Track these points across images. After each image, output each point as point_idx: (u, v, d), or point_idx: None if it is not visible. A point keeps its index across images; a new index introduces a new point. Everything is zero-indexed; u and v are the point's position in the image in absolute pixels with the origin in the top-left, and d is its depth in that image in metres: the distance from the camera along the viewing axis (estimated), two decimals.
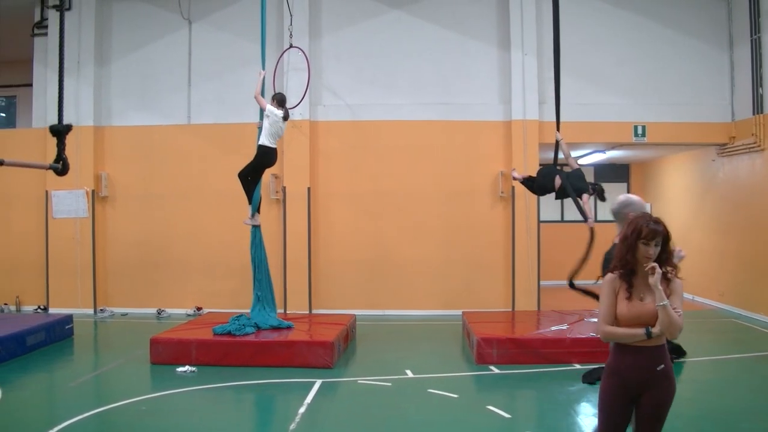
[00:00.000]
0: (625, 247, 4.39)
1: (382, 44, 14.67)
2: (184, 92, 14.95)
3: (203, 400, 8.38)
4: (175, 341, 9.98)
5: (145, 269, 14.90)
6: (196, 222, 14.76)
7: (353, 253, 14.48)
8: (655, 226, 4.32)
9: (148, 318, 14.26)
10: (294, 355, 9.65)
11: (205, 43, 14.93)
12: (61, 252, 14.86)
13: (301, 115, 14.19)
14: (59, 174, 10.17)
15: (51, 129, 10.08)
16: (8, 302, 15.08)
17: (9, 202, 15.26)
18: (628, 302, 4.39)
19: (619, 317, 4.41)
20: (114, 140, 15.09)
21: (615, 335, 4.43)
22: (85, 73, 14.81)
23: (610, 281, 4.47)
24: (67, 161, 9.97)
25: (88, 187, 14.79)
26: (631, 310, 4.37)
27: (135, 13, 15.19)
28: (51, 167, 10.03)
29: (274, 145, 10.82)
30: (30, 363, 10.21)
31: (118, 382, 9.47)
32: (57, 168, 10.07)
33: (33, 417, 7.75)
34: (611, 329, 4.42)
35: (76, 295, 14.73)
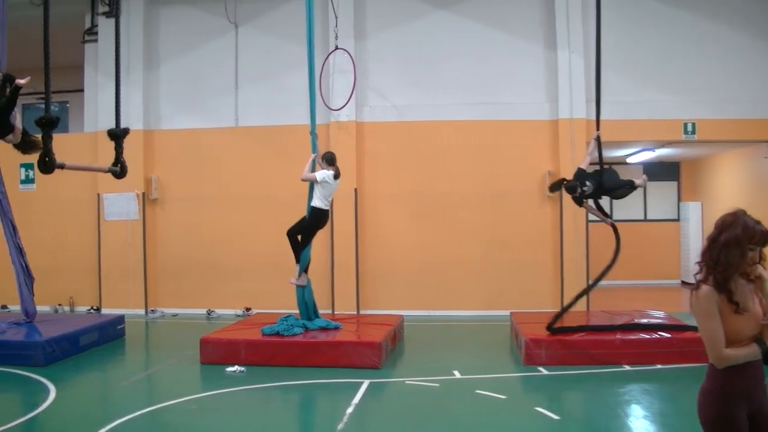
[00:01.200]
0: (733, 252, 3.76)
1: (427, 44, 14.65)
2: (231, 95, 15.11)
3: (252, 399, 8.45)
4: (224, 341, 10.08)
5: (194, 270, 15.08)
6: (245, 223, 14.90)
7: (400, 253, 14.49)
8: (763, 228, 3.84)
9: (197, 318, 14.43)
10: (342, 355, 9.67)
11: (252, 47, 15.07)
12: (113, 254, 15.13)
13: (348, 117, 14.26)
14: (118, 177, 10.36)
15: (109, 133, 10.28)
16: (62, 303, 15.39)
17: (63, 206, 15.58)
18: (739, 316, 3.76)
19: (732, 334, 3.77)
20: (163, 143, 15.31)
21: (738, 357, 3.76)
22: (135, 78, 15.05)
23: (708, 297, 3.78)
24: (125, 164, 10.15)
25: (138, 190, 15.02)
26: (749, 324, 3.79)
27: (182, 18, 15.40)
28: (110, 170, 10.23)
29: (327, 207, 10.81)
30: (83, 362, 10.41)
31: (168, 381, 9.61)
32: (116, 171, 10.26)
33: (86, 415, 7.91)
34: (733, 353, 3.75)
35: (128, 296, 14.97)
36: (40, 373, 9.50)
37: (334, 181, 10.76)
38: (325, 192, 10.70)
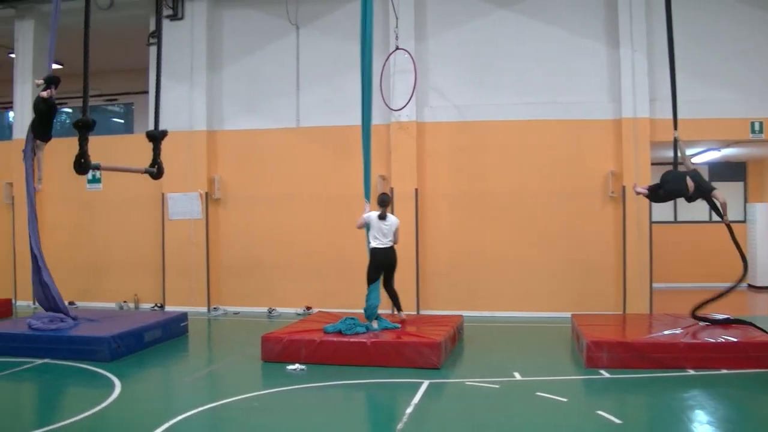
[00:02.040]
0: None
1: (487, 44, 14.57)
2: (292, 96, 15.26)
3: (312, 398, 8.51)
4: (285, 340, 10.15)
5: (256, 269, 15.27)
6: (307, 223, 15.03)
7: (461, 253, 14.44)
8: None
9: (259, 317, 14.60)
10: (402, 355, 9.68)
11: (313, 48, 15.20)
12: (176, 252, 15.42)
13: (408, 117, 14.27)
14: (154, 177, 10.58)
15: (147, 134, 10.51)
16: (127, 300, 15.74)
17: (129, 205, 15.93)
18: None
19: None
20: (226, 144, 15.54)
21: None
22: (198, 80, 15.31)
23: None
24: (162, 165, 10.32)
25: (201, 190, 15.27)
26: None
27: (244, 20, 15.61)
28: (146, 171, 10.42)
29: (382, 245, 10.96)
30: (147, 358, 10.63)
31: (230, 378, 9.74)
32: (152, 172, 10.46)
33: (150, 410, 8.06)
34: None
35: (191, 294, 15.24)
36: (106, 368, 9.73)
37: (377, 222, 10.98)
38: (374, 232, 10.98)
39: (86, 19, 8.97)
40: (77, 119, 8.89)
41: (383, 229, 10.97)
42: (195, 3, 15.44)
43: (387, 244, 10.98)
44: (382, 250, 10.95)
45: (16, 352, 10.61)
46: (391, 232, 11.04)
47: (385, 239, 10.95)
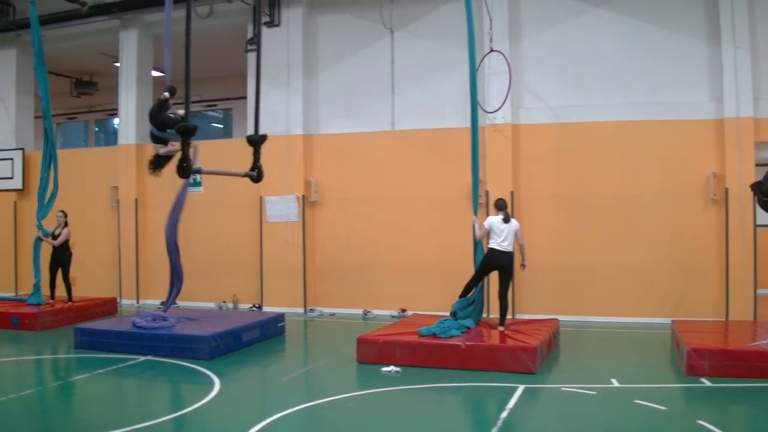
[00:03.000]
0: None
1: (583, 44, 14.29)
2: (387, 99, 15.35)
3: (406, 400, 8.54)
4: (380, 341, 10.22)
5: (352, 271, 15.42)
6: (402, 225, 15.08)
7: (557, 257, 14.21)
8: None
9: (354, 318, 14.74)
10: (497, 359, 9.60)
11: (407, 51, 15.25)
12: (274, 254, 15.72)
13: (503, 119, 14.16)
14: (255, 181, 10.77)
15: (248, 139, 10.72)
16: (226, 300, 16.13)
17: (229, 208, 16.34)
18: None
19: None
20: (322, 147, 15.75)
21: None
22: (295, 85, 15.57)
23: None
24: (262, 169, 10.51)
25: (298, 193, 15.51)
26: None
27: (339, 25, 15.80)
28: (247, 174, 10.62)
29: (502, 247, 10.93)
30: (245, 357, 10.87)
31: (325, 378, 9.86)
32: (253, 175, 10.66)
33: (248, 407, 8.25)
34: None
35: (288, 295, 15.50)
36: (206, 366, 10.02)
37: (500, 224, 10.96)
38: (494, 234, 10.98)
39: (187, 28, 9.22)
40: (180, 125, 9.16)
41: (504, 232, 10.94)
42: (291, 10, 15.71)
43: (505, 248, 10.93)
44: (500, 252, 10.92)
45: (121, 348, 11.05)
46: (512, 235, 11.00)
47: (504, 242, 10.92)
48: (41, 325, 13.46)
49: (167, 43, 11.54)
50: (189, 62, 9.12)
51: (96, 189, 17.86)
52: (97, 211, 17.94)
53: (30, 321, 13.47)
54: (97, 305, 15.13)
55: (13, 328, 13.46)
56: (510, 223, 10.99)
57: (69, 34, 18.55)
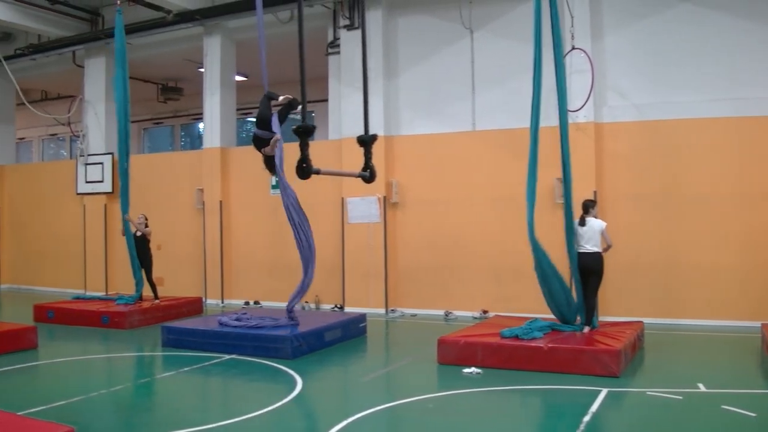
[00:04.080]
0: None
1: (667, 39, 13.89)
2: (468, 100, 15.26)
3: (487, 402, 8.46)
4: (461, 343, 10.16)
5: (433, 272, 15.38)
6: (483, 226, 14.95)
7: (642, 257, 13.85)
8: None
9: (435, 319, 14.70)
10: (580, 362, 9.42)
11: (487, 51, 15.13)
12: (355, 255, 15.81)
13: (586, 118, 13.91)
14: (367, 181, 10.83)
15: (358, 139, 10.77)
16: (308, 300, 16.30)
17: (310, 209, 16.36)
18: None
19: None
20: (403, 149, 15.77)
21: None
22: (375, 87, 15.59)
23: None
24: (374, 168, 10.55)
25: (379, 194, 15.56)
26: None
27: (419, 27, 15.79)
28: (360, 175, 10.71)
29: (584, 249, 10.90)
30: (327, 357, 10.95)
31: (406, 379, 9.87)
32: (365, 175, 10.73)
33: (329, 406, 8.33)
34: None
35: (369, 296, 15.57)
36: (289, 365, 10.14)
37: (577, 227, 10.92)
38: (576, 237, 10.94)
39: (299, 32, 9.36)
40: (298, 125, 9.24)
41: (586, 234, 10.82)
42: (370, 12, 15.78)
43: (588, 249, 10.80)
44: (581, 255, 10.82)
45: (206, 347, 11.30)
46: (597, 235, 10.87)
47: (587, 244, 10.79)
48: (130, 324, 13.88)
49: (262, 44, 11.77)
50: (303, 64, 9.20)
51: (182, 191, 18.30)
52: (183, 213, 18.39)
53: (119, 319, 13.90)
54: (183, 305, 15.50)
55: (103, 326, 13.91)
56: (587, 225, 10.81)
57: (155, 41, 19.12)
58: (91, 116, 20.18)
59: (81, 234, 20.28)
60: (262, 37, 11.85)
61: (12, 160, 23.77)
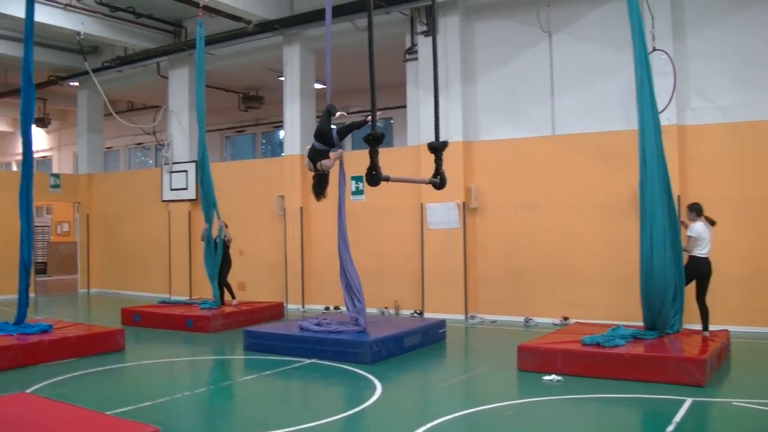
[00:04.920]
0: None
1: (753, 39, 13.38)
2: (547, 103, 15.09)
3: (567, 410, 8.34)
4: (541, 350, 10.05)
5: (513, 278, 15.24)
6: (564, 231, 14.72)
7: (730, 263, 13.37)
8: None
9: (515, 326, 14.56)
10: (663, 370, 9.20)
11: (566, 54, 14.94)
12: (435, 260, 15.79)
13: (668, 120, 13.57)
14: (437, 188, 10.82)
15: (429, 146, 10.77)
16: (388, 306, 16.35)
17: (389, 215, 16.57)
18: None
19: None
20: (482, 154, 15.69)
21: None
22: (453, 93, 15.60)
23: None
24: (445, 175, 10.54)
25: (459, 200, 15.51)
26: None
27: (496, 31, 15.70)
28: (430, 182, 10.71)
29: (706, 255, 10.78)
30: (406, 362, 10.96)
31: (486, 385, 9.80)
32: (436, 182, 10.72)
33: (408, 412, 8.33)
34: None
35: (449, 302, 15.52)
36: (368, 370, 10.20)
37: (707, 230, 10.82)
38: (702, 241, 10.77)
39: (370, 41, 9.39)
40: (368, 133, 9.35)
41: (706, 237, 10.71)
42: (448, 17, 15.78)
43: (708, 254, 10.66)
44: (706, 260, 10.67)
45: (287, 351, 11.46)
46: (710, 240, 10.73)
47: (705, 249, 10.63)
48: (213, 328, 14.17)
49: (328, 53, 11.92)
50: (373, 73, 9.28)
51: (263, 198, 18.60)
52: (264, 219, 18.70)
53: (203, 323, 14.21)
54: (265, 309, 15.74)
55: (187, 330, 14.25)
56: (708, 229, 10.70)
57: (236, 51, 19.52)
58: (175, 125, 20.71)
59: (166, 240, 20.83)
60: (328, 52, 12.00)
61: (100, 169, 24.59)
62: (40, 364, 10.79)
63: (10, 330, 11.80)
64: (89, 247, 23.65)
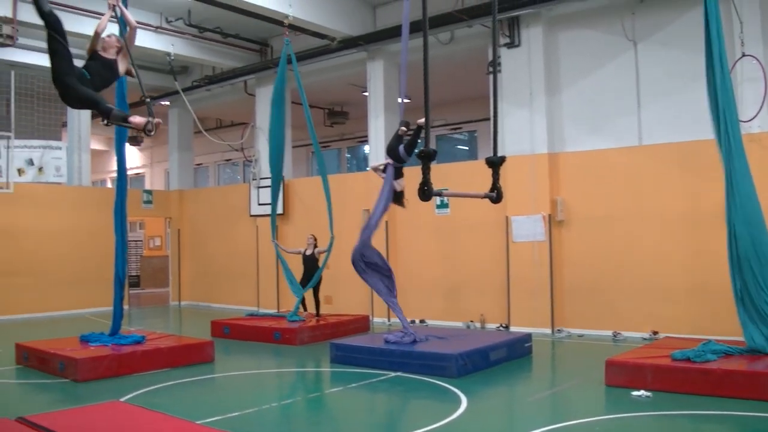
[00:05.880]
0: None
1: None
2: (633, 114, 14.79)
3: (657, 426, 8.16)
4: (630, 364, 9.85)
5: (600, 291, 14.96)
6: (653, 244, 14.36)
7: None
8: None
9: (603, 340, 14.30)
10: (758, 386, 8.85)
11: (652, 63, 14.62)
12: (520, 274, 15.65)
13: (760, 128, 13.17)
14: (494, 202, 10.86)
15: (486, 161, 10.84)
16: (473, 320, 16.28)
17: (474, 228, 16.52)
18: None
19: None
20: (567, 165, 15.50)
21: None
22: (538, 104, 15.48)
23: None
24: (501, 190, 10.58)
25: (544, 212, 15.37)
26: None
27: (580, 41, 15.51)
28: (486, 196, 10.72)
29: None
30: (492, 377, 10.90)
31: (573, 400, 9.68)
32: (492, 196, 10.73)
33: (494, 426, 8.30)
34: None
35: (535, 315, 15.35)
36: (453, 383, 10.17)
37: None
38: None
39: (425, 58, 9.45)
40: (420, 150, 9.50)
41: None
42: (531, 29, 15.69)
43: None
44: None
45: (373, 364, 11.52)
46: None
47: None
48: (300, 340, 14.36)
49: (403, 70, 12.07)
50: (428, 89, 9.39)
51: (349, 212, 18.77)
52: (350, 233, 18.78)
53: (290, 336, 14.43)
54: (351, 322, 15.89)
55: (275, 342, 14.49)
56: None
57: (320, 68, 19.84)
58: (262, 142, 21.12)
59: (254, 254, 21.24)
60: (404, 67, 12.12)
61: (191, 185, 25.28)
62: (134, 374, 11.14)
63: (106, 341, 12.22)
64: (180, 260, 24.31)
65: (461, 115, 23.40)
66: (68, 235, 21.13)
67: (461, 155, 24.86)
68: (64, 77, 7.58)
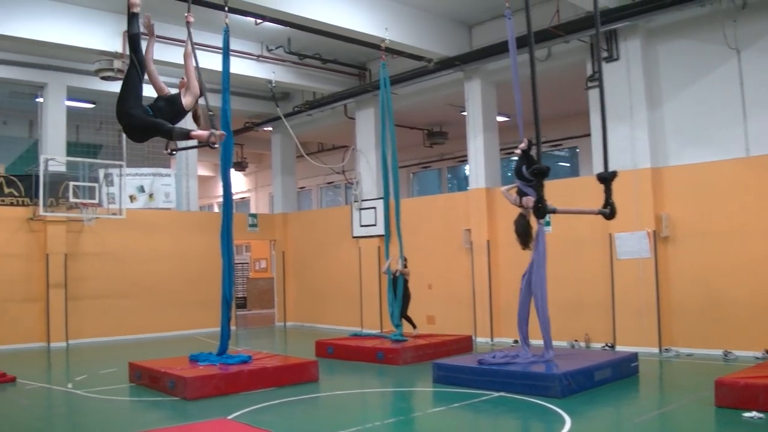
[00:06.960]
0: None
1: None
2: (739, 124, 14.29)
3: None
4: (741, 384, 9.50)
5: (709, 309, 14.48)
6: (763, 259, 13.82)
7: None
8: None
9: (713, 359, 13.86)
10: None
11: (757, 71, 14.09)
12: (625, 291, 15.34)
13: None
14: (608, 218, 10.74)
15: (598, 176, 10.75)
16: (578, 339, 16.03)
17: (578, 245, 16.30)
18: None
19: None
20: (671, 180, 15.13)
21: None
22: (639, 119, 15.21)
23: None
24: (614, 205, 10.44)
25: (649, 228, 15.05)
26: None
27: (679, 52, 15.15)
28: (600, 212, 10.61)
29: None
30: (597, 397, 10.73)
31: (681, 421, 9.42)
32: (605, 213, 10.62)
33: None
34: None
35: (641, 334, 15.00)
36: (557, 404, 10.06)
37: None
38: None
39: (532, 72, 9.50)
40: (534, 167, 9.52)
41: None
42: (629, 42, 15.45)
43: None
44: None
45: (475, 384, 11.49)
46: None
47: None
48: (403, 360, 14.45)
49: (516, 87, 12.08)
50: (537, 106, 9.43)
51: (450, 232, 18.85)
52: (452, 253, 18.91)
53: (393, 356, 14.53)
54: (454, 342, 15.87)
55: (378, 362, 14.62)
56: None
57: (418, 89, 20.05)
58: (363, 164, 21.45)
59: (357, 275, 21.51)
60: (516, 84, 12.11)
61: (294, 208, 25.86)
62: (241, 392, 11.46)
63: (214, 360, 12.61)
64: (285, 282, 24.86)
65: (561, 132, 23.20)
66: (177, 259, 21.94)
67: (563, 172, 24.59)
68: (129, 109, 7.85)
